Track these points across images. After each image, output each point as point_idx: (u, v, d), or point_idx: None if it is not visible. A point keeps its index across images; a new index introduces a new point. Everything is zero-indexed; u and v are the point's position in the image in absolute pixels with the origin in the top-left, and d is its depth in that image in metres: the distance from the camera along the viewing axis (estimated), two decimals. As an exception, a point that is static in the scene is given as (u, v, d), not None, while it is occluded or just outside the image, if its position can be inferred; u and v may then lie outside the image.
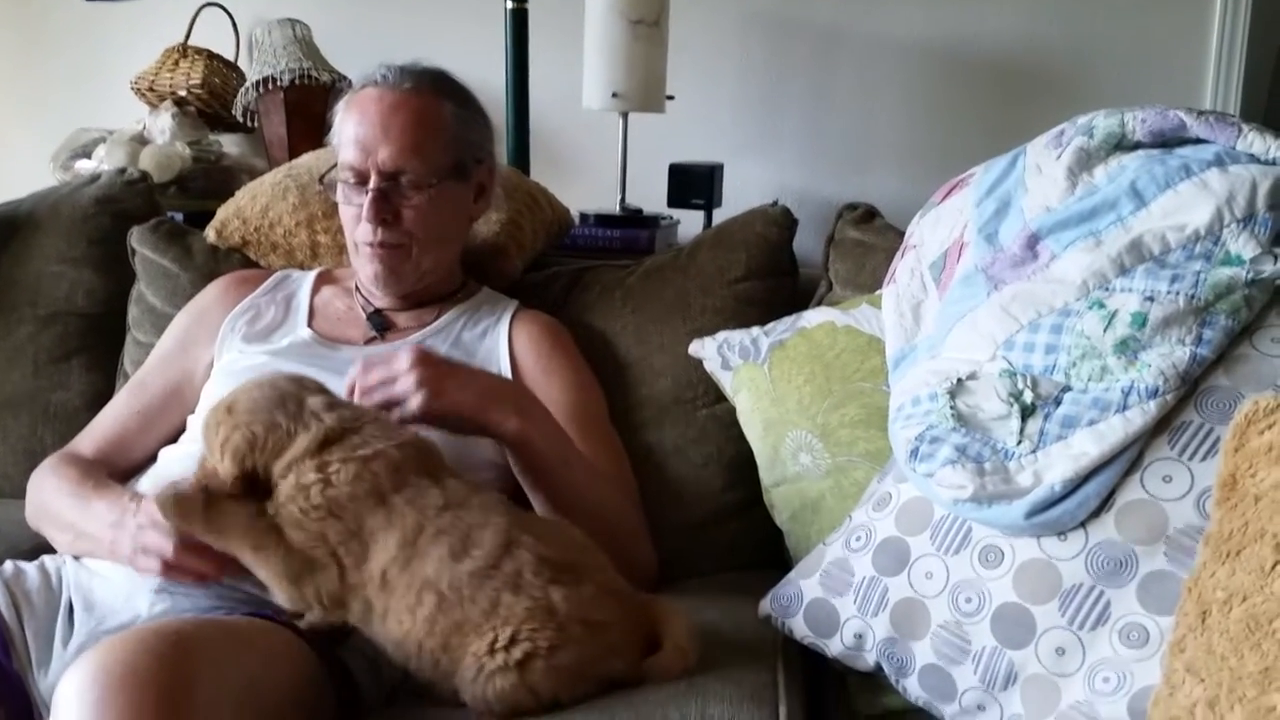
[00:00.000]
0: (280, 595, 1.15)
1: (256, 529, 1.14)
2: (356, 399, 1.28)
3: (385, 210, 1.50)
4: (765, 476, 1.52)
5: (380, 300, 1.61)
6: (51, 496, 1.45)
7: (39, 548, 1.47)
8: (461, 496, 1.16)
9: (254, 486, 1.16)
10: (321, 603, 1.14)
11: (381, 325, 1.59)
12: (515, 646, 1.08)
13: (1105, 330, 1.15)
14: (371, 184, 1.49)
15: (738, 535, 1.63)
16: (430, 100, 1.52)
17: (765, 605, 1.31)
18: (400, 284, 1.57)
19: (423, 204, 1.51)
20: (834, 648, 1.24)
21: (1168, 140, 1.27)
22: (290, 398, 1.20)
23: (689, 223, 2.34)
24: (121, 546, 1.30)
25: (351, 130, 1.50)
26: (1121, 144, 1.28)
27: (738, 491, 1.62)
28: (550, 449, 1.38)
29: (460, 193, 1.57)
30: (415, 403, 1.28)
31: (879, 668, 1.22)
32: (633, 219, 2.28)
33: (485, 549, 1.12)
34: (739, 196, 2.24)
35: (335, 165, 1.55)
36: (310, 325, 1.59)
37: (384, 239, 1.52)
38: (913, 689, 1.19)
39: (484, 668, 1.08)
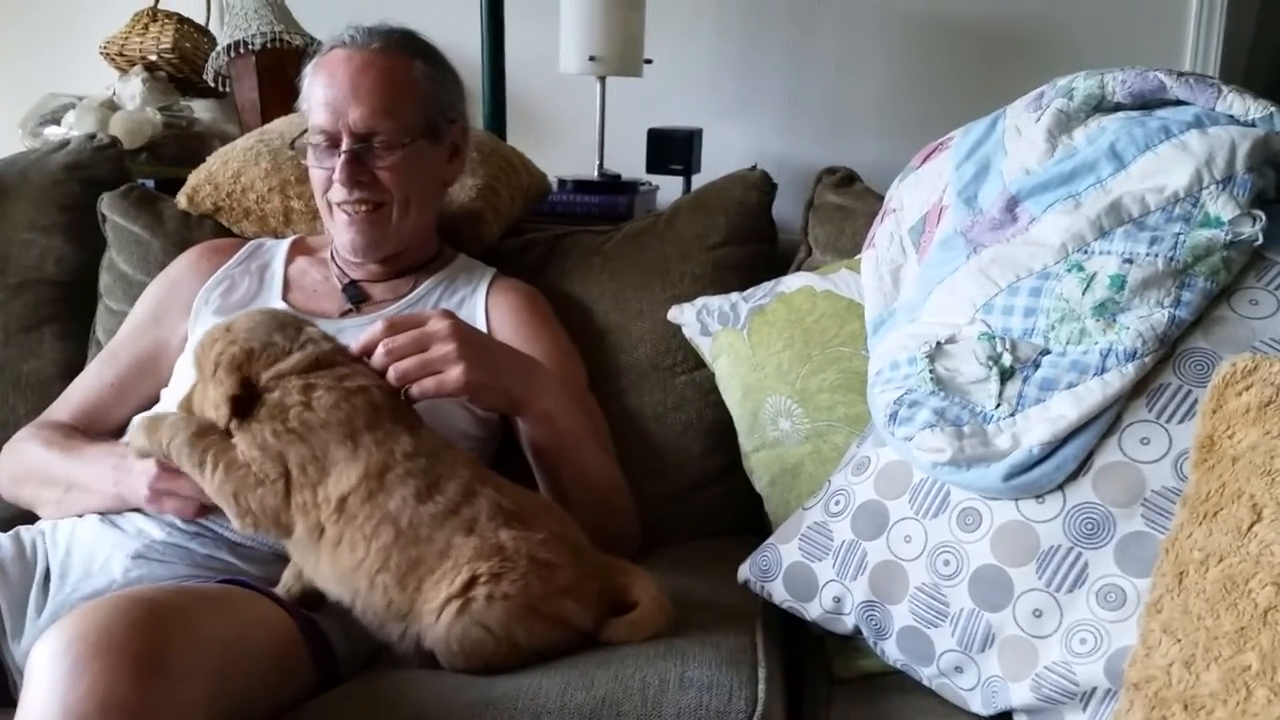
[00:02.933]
0: (221, 505, 1.17)
1: (202, 443, 1.16)
2: (379, 360, 1.22)
3: (359, 172, 1.48)
4: (744, 442, 1.51)
5: (356, 271, 1.59)
6: (36, 457, 1.44)
7: (13, 518, 1.46)
8: (434, 447, 1.18)
9: (244, 407, 1.17)
10: (257, 518, 1.15)
11: (357, 297, 1.58)
12: (471, 589, 1.10)
13: (1084, 293, 1.15)
14: (344, 146, 1.47)
15: (716, 501, 1.63)
16: (400, 59, 1.50)
17: (744, 570, 1.31)
18: (379, 250, 1.55)
19: (397, 164, 1.49)
20: (813, 611, 1.25)
21: (1148, 102, 1.26)
22: (289, 324, 1.24)
23: (668, 188, 2.32)
24: (135, 492, 1.29)
25: (321, 93, 1.48)
26: (1101, 106, 1.27)
27: (717, 458, 1.62)
28: (570, 426, 1.37)
29: (434, 153, 1.55)
30: (456, 373, 1.23)
31: (857, 630, 1.22)
32: (611, 185, 2.27)
33: (448, 495, 1.14)
34: (718, 162, 2.22)
35: (307, 130, 1.53)
36: (285, 298, 1.57)
37: (360, 197, 1.50)
38: (891, 651, 1.20)
39: (441, 615, 1.10)
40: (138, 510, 1.32)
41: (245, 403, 1.17)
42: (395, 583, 1.12)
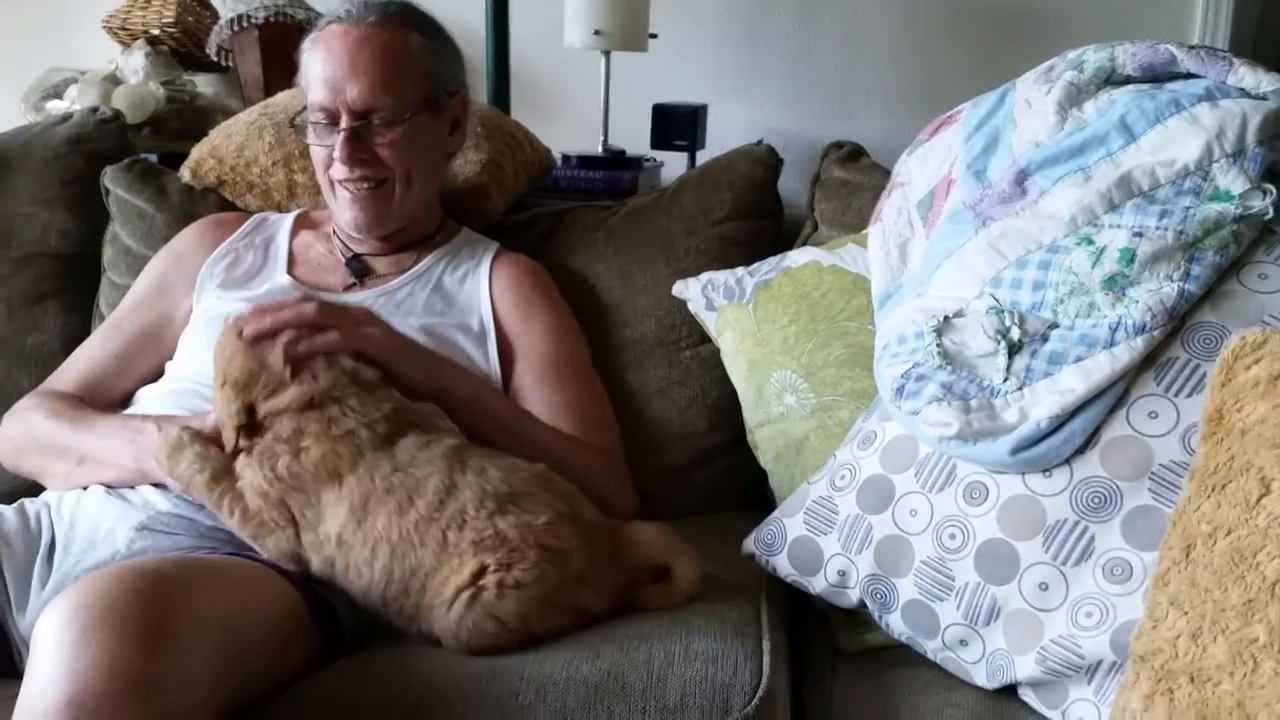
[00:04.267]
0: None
1: (219, 488, 1.19)
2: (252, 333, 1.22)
3: (359, 150, 1.47)
4: (749, 417, 1.51)
5: (359, 245, 1.58)
6: (43, 427, 1.44)
7: (16, 491, 1.46)
8: (409, 457, 1.18)
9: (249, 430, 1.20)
10: (280, 557, 1.19)
11: (361, 271, 1.57)
12: (479, 579, 1.11)
13: (1093, 266, 1.14)
14: (343, 123, 1.46)
15: (721, 477, 1.63)
16: (396, 33, 1.49)
17: (749, 544, 1.31)
18: (382, 226, 1.54)
19: (397, 140, 1.49)
20: (817, 585, 1.25)
21: (1158, 75, 1.26)
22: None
23: (672, 164, 2.31)
24: (154, 465, 1.29)
25: (319, 69, 1.47)
26: (1111, 79, 1.26)
27: (721, 433, 1.62)
28: (476, 397, 1.37)
29: (435, 126, 1.54)
30: (330, 337, 1.23)
31: (862, 604, 1.22)
32: (615, 160, 2.26)
33: (426, 498, 1.15)
34: (723, 137, 2.21)
35: (306, 107, 1.52)
36: (290, 272, 1.56)
37: (361, 174, 1.49)
38: (896, 625, 1.20)
39: (450, 608, 1.11)
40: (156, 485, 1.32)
41: (249, 427, 1.20)
42: (402, 592, 1.14)
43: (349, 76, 1.45)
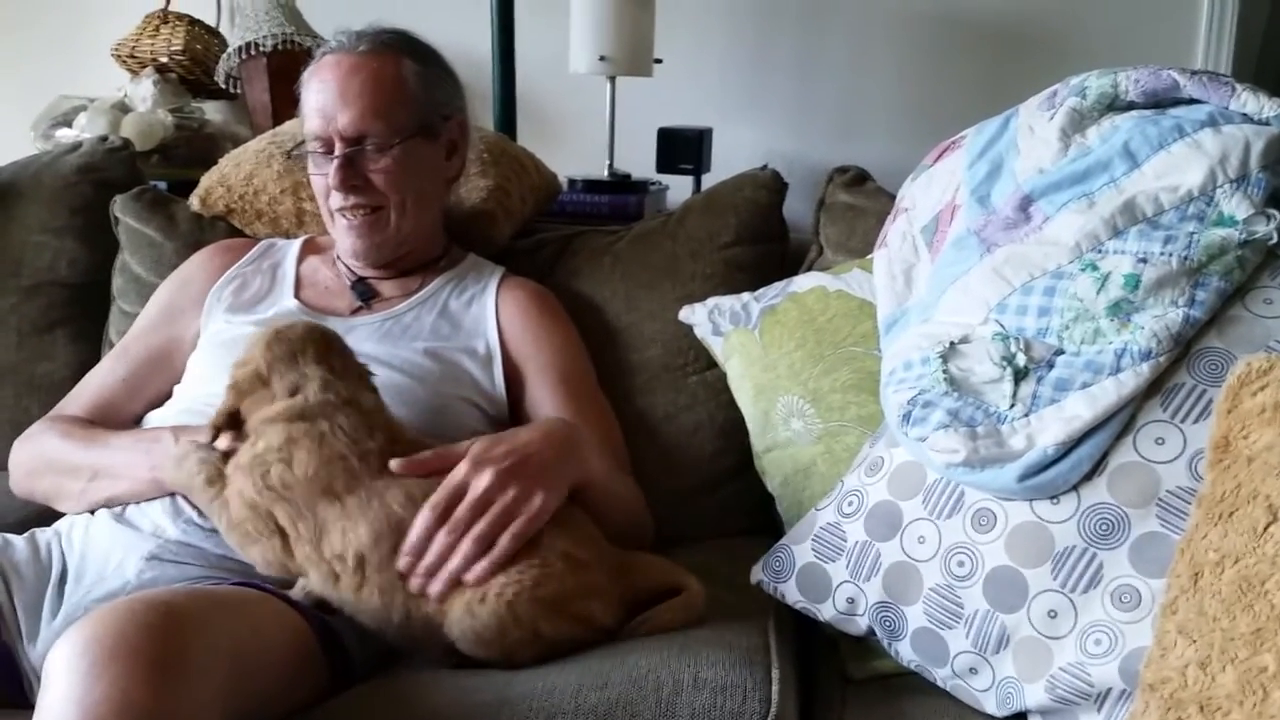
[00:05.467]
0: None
1: (210, 492, 1.21)
2: (445, 543, 1.15)
3: (353, 177, 1.49)
4: (756, 442, 1.51)
5: (364, 269, 1.59)
6: (56, 448, 1.44)
7: (27, 520, 1.46)
8: (426, 488, 1.18)
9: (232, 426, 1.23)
10: (266, 566, 1.20)
11: (366, 294, 1.58)
12: (506, 589, 1.12)
13: (1098, 292, 1.14)
14: (336, 151, 1.48)
15: (728, 502, 1.63)
16: (387, 60, 1.50)
17: (757, 571, 1.31)
18: (380, 253, 1.55)
19: (390, 165, 1.50)
20: (826, 612, 1.24)
21: (1161, 100, 1.26)
22: (301, 357, 1.24)
23: (678, 188, 2.32)
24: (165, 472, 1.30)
25: (313, 99, 1.49)
26: (1114, 104, 1.27)
27: (728, 458, 1.62)
28: (607, 476, 1.36)
29: (430, 152, 1.55)
30: (536, 505, 1.17)
31: (871, 632, 1.22)
32: (621, 184, 2.27)
33: None
34: (728, 161, 2.22)
35: (304, 139, 1.53)
36: (297, 296, 1.57)
37: (357, 202, 1.50)
38: (905, 652, 1.20)
39: (472, 609, 1.12)
40: (170, 495, 1.33)
41: (232, 425, 1.22)
42: (421, 604, 1.15)
43: (340, 104, 1.47)
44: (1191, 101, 1.25)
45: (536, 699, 1.05)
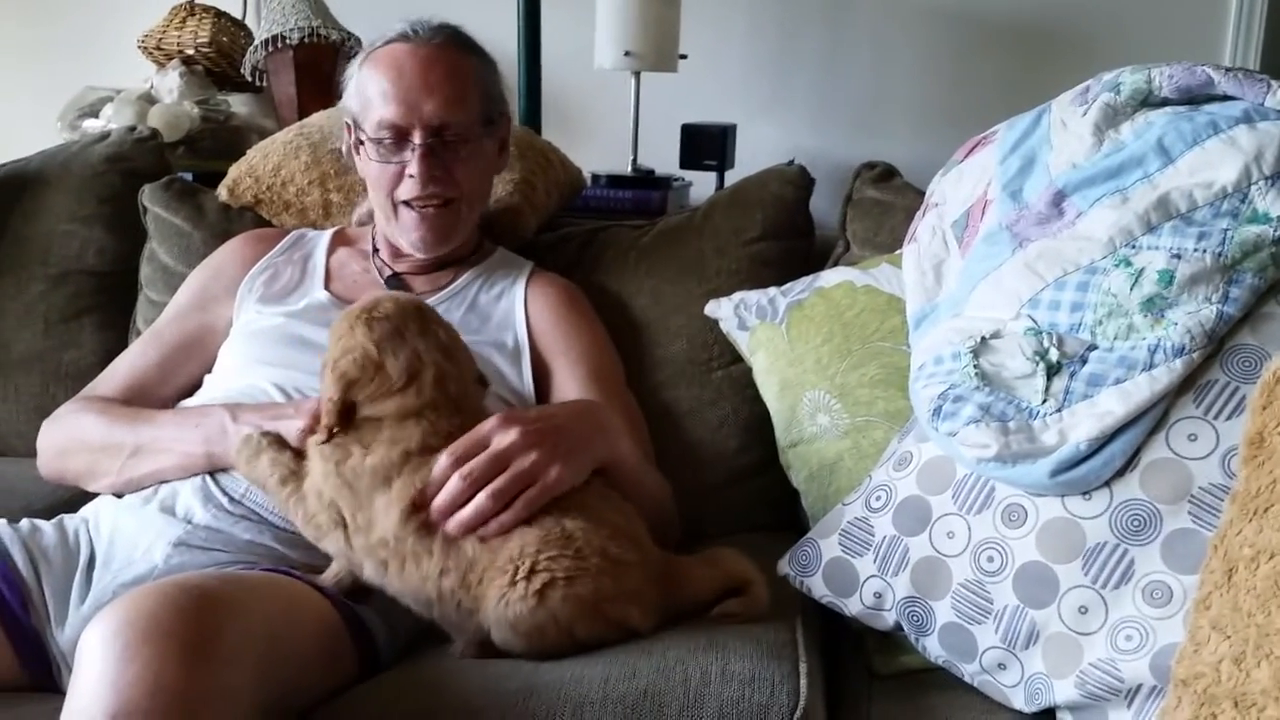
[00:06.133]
0: None
1: (285, 491, 1.20)
2: (457, 489, 1.15)
3: (435, 166, 1.48)
4: (782, 437, 1.51)
5: (398, 263, 1.59)
6: (92, 425, 1.44)
7: (55, 506, 1.47)
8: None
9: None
10: (335, 557, 1.20)
11: (398, 289, 1.58)
12: (535, 576, 1.11)
13: (1132, 288, 1.14)
14: (419, 140, 1.46)
15: (752, 497, 1.63)
16: (461, 54, 1.51)
17: (784, 565, 1.31)
18: (448, 244, 1.56)
19: (469, 157, 1.51)
20: (853, 607, 1.24)
21: (1195, 97, 1.25)
22: (411, 340, 1.21)
23: (701, 184, 2.32)
24: (226, 448, 1.31)
25: (386, 87, 1.47)
26: (1148, 100, 1.26)
27: (753, 453, 1.62)
28: (636, 461, 1.36)
29: (490, 147, 1.57)
30: (554, 476, 1.17)
31: (898, 627, 1.22)
32: (645, 180, 2.27)
33: None
34: (752, 158, 2.22)
35: (351, 126, 1.53)
36: (327, 287, 1.58)
37: (434, 192, 1.49)
38: (933, 648, 1.19)
39: (506, 598, 1.11)
40: (209, 473, 1.34)
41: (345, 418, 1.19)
42: (460, 584, 1.14)
43: (423, 93, 1.46)
44: (1226, 98, 1.24)
45: (565, 688, 1.05)
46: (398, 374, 1.18)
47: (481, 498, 1.14)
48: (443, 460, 1.16)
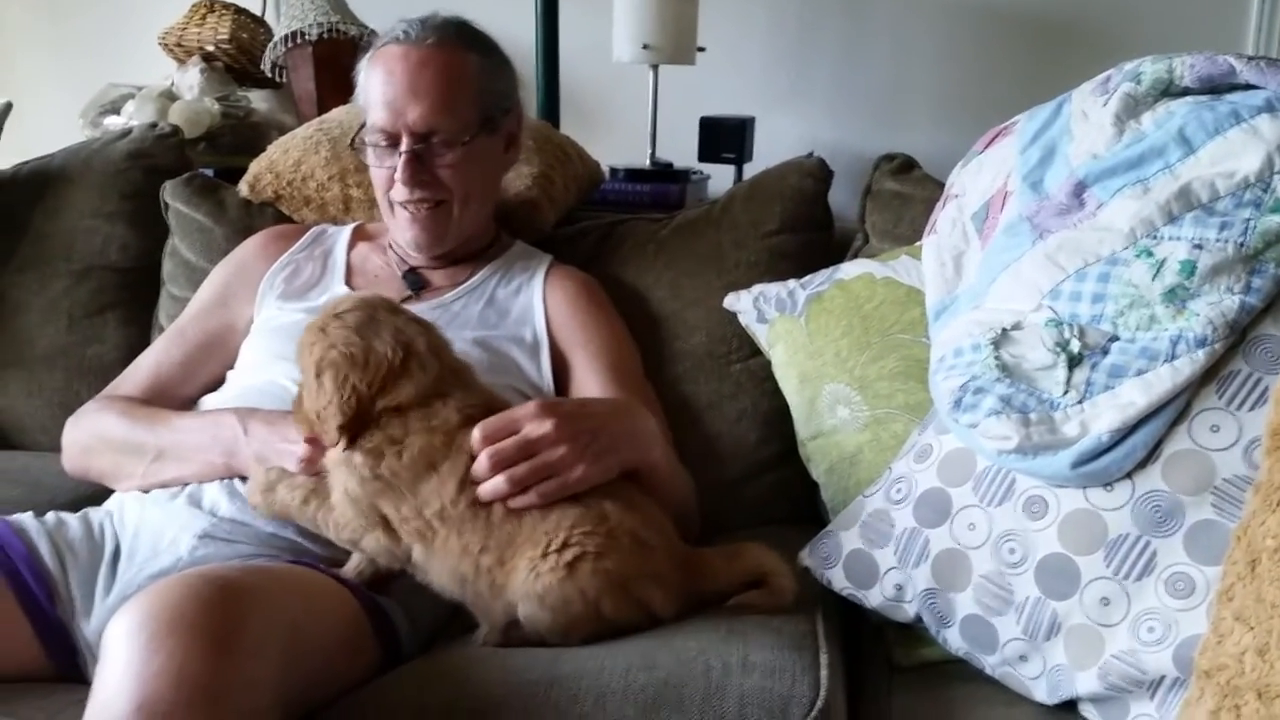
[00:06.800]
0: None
1: (309, 509, 1.21)
2: (484, 467, 1.15)
3: (420, 171, 1.49)
4: (801, 430, 1.51)
5: (415, 259, 1.60)
6: (115, 426, 1.46)
7: (80, 499, 1.48)
8: None
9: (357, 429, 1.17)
10: (379, 556, 1.20)
11: (417, 284, 1.59)
12: (567, 549, 1.12)
13: (1153, 279, 1.13)
14: (404, 146, 1.48)
15: (771, 490, 1.63)
16: (455, 54, 1.50)
17: (804, 557, 1.31)
18: (441, 245, 1.56)
19: (457, 162, 1.50)
20: (873, 599, 1.24)
21: (1217, 86, 1.24)
22: (385, 323, 1.20)
23: (719, 177, 2.32)
24: (243, 459, 1.33)
25: (379, 91, 1.48)
26: (1169, 90, 1.25)
27: (771, 446, 1.62)
28: (670, 466, 1.37)
29: (492, 145, 1.56)
30: (578, 474, 1.17)
31: (919, 619, 1.22)
32: (663, 173, 2.27)
33: None
34: (770, 150, 2.21)
35: (364, 125, 1.54)
36: (348, 283, 1.59)
37: (422, 196, 1.50)
38: (953, 640, 1.19)
39: (536, 569, 1.12)
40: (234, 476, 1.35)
41: (358, 425, 1.16)
42: (496, 561, 1.14)
43: (409, 99, 1.46)
44: (1248, 87, 1.23)
45: (586, 678, 1.05)
46: (389, 349, 1.17)
47: (500, 480, 1.15)
48: (476, 433, 1.16)
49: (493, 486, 1.14)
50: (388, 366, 1.17)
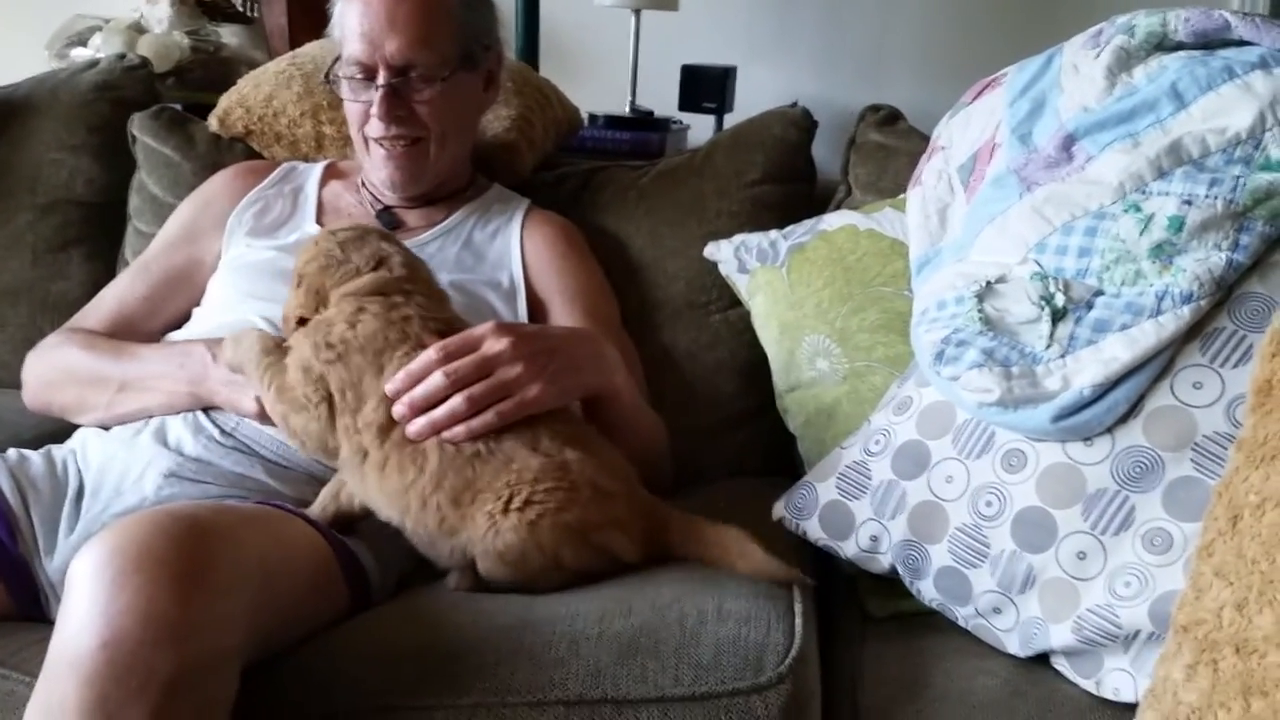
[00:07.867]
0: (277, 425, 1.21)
1: (264, 362, 1.19)
2: (439, 385, 1.12)
3: (398, 106, 1.45)
4: (779, 381, 1.50)
5: (390, 197, 1.57)
6: (78, 359, 1.43)
7: (42, 436, 1.45)
8: None
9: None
10: (304, 441, 1.17)
11: (391, 223, 1.55)
12: (530, 507, 1.10)
13: (1141, 234, 1.12)
14: (381, 79, 1.44)
15: (747, 442, 1.62)
16: None
17: (779, 508, 1.30)
18: (417, 185, 1.53)
19: (435, 97, 1.46)
20: (849, 550, 1.24)
21: (1210, 41, 1.23)
22: (372, 241, 1.24)
23: (700, 127, 2.29)
24: (210, 387, 1.32)
25: (355, 23, 1.44)
26: (1163, 44, 1.24)
27: (749, 398, 1.61)
28: (633, 397, 1.34)
29: (471, 82, 1.53)
30: (534, 392, 1.15)
31: (893, 570, 1.22)
32: (643, 121, 2.24)
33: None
34: (751, 101, 2.17)
35: (338, 59, 1.49)
36: (319, 221, 1.55)
37: (398, 133, 1.47)
38: (928, 591, 1.19)
39: (496, 525, 1.10)
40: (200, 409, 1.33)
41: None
42: (449, 501, 1.12)
43: (387, 31, 1.42)
44: (1242, 43, 1.22)
45: (560, 624, 1.04)
46: (363, 260, 1.21)
47: (457, 399, 1.12)
48: (430, 353, 1.14)
49: (449, 408, 1.12)
50: (355, 272, 1.20)
